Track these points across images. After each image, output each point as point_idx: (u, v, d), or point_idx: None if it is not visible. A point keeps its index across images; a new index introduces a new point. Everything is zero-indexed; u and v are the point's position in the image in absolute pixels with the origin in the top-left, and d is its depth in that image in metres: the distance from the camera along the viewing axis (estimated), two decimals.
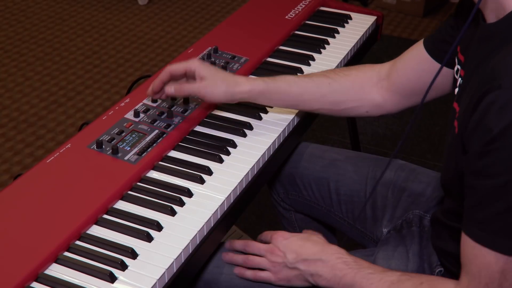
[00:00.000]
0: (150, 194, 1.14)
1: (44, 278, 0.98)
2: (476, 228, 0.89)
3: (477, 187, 0.87)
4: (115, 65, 3.27)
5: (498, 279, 0.87)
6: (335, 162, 1.45)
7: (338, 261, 1.10)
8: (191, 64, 1.27)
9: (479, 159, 0.85)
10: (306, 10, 1.80)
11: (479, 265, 0.89)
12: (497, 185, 0.84)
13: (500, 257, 0.86)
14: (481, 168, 0.85)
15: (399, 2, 3.85)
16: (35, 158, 2.57)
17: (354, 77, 1.34)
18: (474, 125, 0.86)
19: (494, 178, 0.84)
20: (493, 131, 0.82)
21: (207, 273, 1.22)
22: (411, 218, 1.30)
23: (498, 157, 0.82)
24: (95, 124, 1.30)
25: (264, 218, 2.28)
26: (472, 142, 0.87)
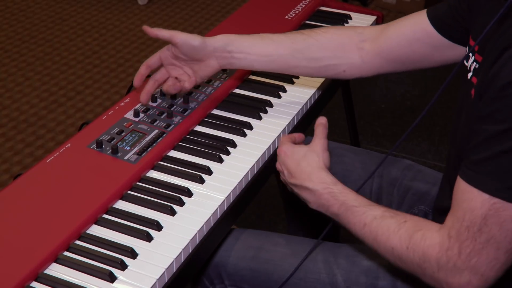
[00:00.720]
0: (150, 194, 1.14)
1: (44, 278, 0.98)
2: (469, 169, 0.92)
3: (480, 131, 0.90)
4: (115, 65, 3.27)
5: (479, 224, 0.89)
6: (343, 159, 1.46)
7: (324, 191, 1.11)
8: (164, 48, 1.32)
9: (489, 104, 0.89)
10: (306, 10, 1.80)
11: (465, 207, 0.91)
12: (499, 130, 0.87)
13: (486, 200, 0.89)
14: (488, 113, 0.89)
15: (398, 2, 3.85)
16: (35, 158, 2.56)
17: (331, 35, 1.35)
18: (491, 76, 0.90)
19: (497, 123, 0.88)
20: (506, 79, 0.86)
21: (216, 257, 1.24)
22: (416, 213, 1.31)
23: (505, 104, 0.87)
24: (95, 124, 1.30)
25: (264, 218, 2.28)
26: (487, 90, 0.91)
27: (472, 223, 0.90)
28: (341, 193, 1.09)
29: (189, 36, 1.29)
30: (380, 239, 1.02)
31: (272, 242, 1.25)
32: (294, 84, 1.50)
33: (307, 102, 1.45)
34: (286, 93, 1.47)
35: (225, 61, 1.32)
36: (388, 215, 1.03)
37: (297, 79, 1.52)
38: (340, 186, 1.10)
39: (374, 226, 1.03)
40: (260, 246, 1.24)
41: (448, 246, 0.93)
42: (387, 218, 1.02)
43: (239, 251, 1.23)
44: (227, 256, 1.23)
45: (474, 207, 0.90)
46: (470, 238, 0.90)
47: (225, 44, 1.31)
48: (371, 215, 1.04)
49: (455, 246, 0.92)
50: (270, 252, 1.23)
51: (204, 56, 1.30)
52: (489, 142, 0.89)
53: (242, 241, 1.25)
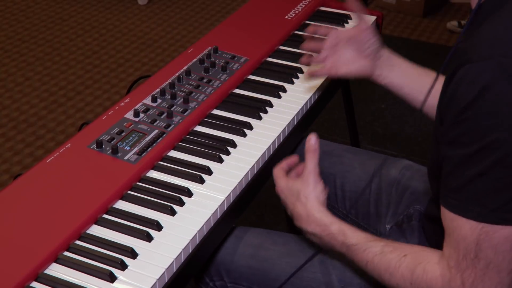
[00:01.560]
0: (150, 194, 1.14)
1: (44, 278, 0.98)
2: (450, 198, 0.91)
3: (451, 156, 0.91)
4: (115, 65, 3.27)
5: (474, 250, 0.89)
6: (342, 159, 1.47)
7: (323, 234, 1.11)
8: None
9: (452, 130, 0.89)
10: (306, 10, 1.80)
11: (457, 237, 0.91)
12: (468, 153, 0.87)
13: (474, 226, 0.88)
14: (454, 138, 0.89)
15: (398, 2, 3.85)
16: (35, 158, 2.57)
17: None
18: (449, 97, 0.90)
19: (466, 146, 0.87)
20: (464, 101, 0.86)
21: (216, 255, 1.24)
22: (411, 212, 1.31)
23: (468, 127, 0.87)
24: (95, 124, 1.30)
25: (264, 218, 2.28)
26: (447, 114, 0.91)
27: (467, 251, 0.89)
28: (339, 233, 1.09)
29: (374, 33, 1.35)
30: (384, 276, 1.02)
31: (271, 241, 1.26)
32: (294, 84, 1.50)
33: (307, 102, 1.45)
34: (286, 93, 1.47)
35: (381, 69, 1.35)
36: (388, 250, 1.02)
37: (297, 79, 1.52)
38: (337, 226, 1.10)
39: (376, 263, 1.03)
40: (259, 244, 1.25)
41: (450, 277, 0.92)
42: (387, 254, 1.02)
43: (238, 249, 1.24)
44: (227, 253, 1.24)
45: (465, 235, 0.89)
46: (470, 266, 0.89)
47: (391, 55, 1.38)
48: (371, 252, 1.04)
49: (457, 276, 0.91)
50: (269, 251, 1.24)
51: (370, 52, 1.34)
52: (462, 167, 0.88)
53: (242, 239, 1.26)
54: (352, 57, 1.35)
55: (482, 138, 0.85)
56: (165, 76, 1.46)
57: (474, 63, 0.86)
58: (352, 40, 1.35)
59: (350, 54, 1.36)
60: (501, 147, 0.84)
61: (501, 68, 0.83)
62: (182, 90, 1.41)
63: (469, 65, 0.87)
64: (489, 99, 0.84)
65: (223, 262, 1.24)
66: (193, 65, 1.51)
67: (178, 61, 1.53)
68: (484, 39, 0.88)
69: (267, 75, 1.53)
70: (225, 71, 1.49)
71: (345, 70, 1.36)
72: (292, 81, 1.51)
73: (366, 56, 1.35)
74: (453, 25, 3.62)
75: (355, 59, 1.35)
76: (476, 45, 0.88)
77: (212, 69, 1.50)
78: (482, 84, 0.84)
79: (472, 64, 0.86)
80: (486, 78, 0.84)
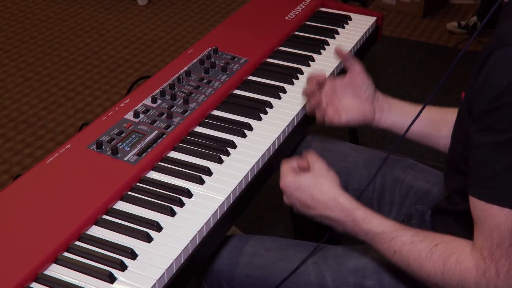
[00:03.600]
0: (150, 195, 1.14)
1: (43, 279, 0.97)
2: (483, 187, 0.89)
3: (483, 145, 0.88)
4: (114, 66, 3.27)
5: (509, 238, 0.87)
6: (346, 157, 1.47)
7: (346, 219, 1.07)
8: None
9: (487, 116, 0.87)
10: (306, 10, 1.80)
11: (490, 226, 0.89)
12: (503, 141, 0.85)
13: (510, 214, 0.87)
14: (488, 125, 0.87)
15: (398, 3, 3.85)
16: (35, 158, 2.56)
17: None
18: (481, 83, 0.87)
19: (500, 134, 0.85)
20: (498, 87, 0.84)
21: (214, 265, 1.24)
22: (412, 212, 1.31)
23: (504, 113, 0.84)
24: (95, 125, 1.30)
25: (264, 218, 2.28)
26: (479, 101, 0.88)
27: (502, 239, 0.88)
28: (364, 221, 1.05)
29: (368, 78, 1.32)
30: (413, 266, 0.99)
31: (265, 247, 1.26)
32: (294, 85, 1.50)
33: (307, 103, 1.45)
34: (286, 94, 1.47)
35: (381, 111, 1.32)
36: (418, 239, 1.00)
37: (297, 80, 1.52)
38: (362, 211, 1.06)
39: (404, 253, 1.00)
40: (254, 252, 1.25)
41: (485, 268, 0.90)
42: (417, 244, 0.99)
43: (234, 258, 1.25)
44: (224, 264, 1.24)
45: (499, 223, 0.88)
46: (504, 255, 0.88)
47: (385, 96, 1.34)
48: (400, 241, 1.01)
49: (491, 266, 0.90)
50: (263, 257, 1.24)
51: (367, 96, 1.31)
52: (496, 155, 0.87)
53: (238, 248, 1.26)
54: (351, 103, 1.33)
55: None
56: (165, 76, 1.46)
57: (509, 46, 0.83)
58: (348, 86, 1.33)
59: (349, 100, 1.33)
60: None
61: None
62: (182, 91, 1.41)
63: (504, 48, 0.84)
64: None
65: (221, 272, 1.24)
66: (193, 65, 1.51)
67: (178, 61, 1.53)
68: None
69: (267, 76, 1.53)
70: (225, 72, 1.49)
71: (347, 117, 1.33)
72: (292, 82, 1.51)
73: (365, 100, 1.32)
74: (452, 26, 3.62)
75: (354, 104, 1.33)
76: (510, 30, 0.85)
77: (212, 69, 1.49)
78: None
79: (508, 47, 0.83)
80: None
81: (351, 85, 1.33)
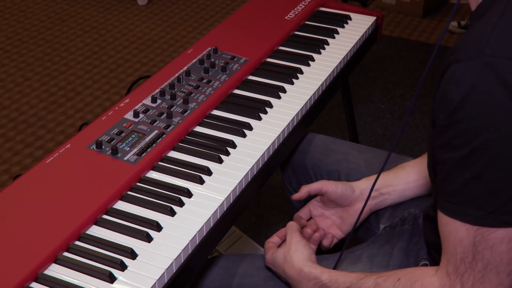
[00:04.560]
0: (150, 195, 1.14)
1: (43, 279, 0.98)
2: (446, 202, 0.91)
3: (444, 160, 0.90)
4: (114, 66, 3.27)
5: (471, 253, 0.88)
6: (347, 156, 1.47)
7: (317, 286, 1.10)
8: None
9: (444, 132, 0.88)
10: (306, 10, 1.80)
11: (453, 241, 0.90)
12: (461, 156, 0.86)
13: (471, 229, 0.88)
14: (445, 141, 0.88)
15: (398, 3, 3.85)
16: (35, 158, 2.56)
17: None
18: (438, 98, 0.89)
19: (457, 149, 0.86)
20: (453, 102, 0.85)
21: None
22: (405, 216, 1.31)
23: (459, 128, 0.85)
24: (95, 125, 1.30)
25: (264, 218, 2.28)
26: (438, 116, 0.90)
27: (465, 254, 0.89)
28: (330, 282, 1.08)
29: (337, 184, 1.30)
30: None
31: (256, 267, 1.26)
32: (293, 84, 1.50)
33: (307, 103, 1.45)
34: (286, 93, 1.47)
35: (374, 200, 1.31)
36: (381, 280, 1.02)
37: (297, 80, 1.52)
38: (327, 275, 1.09)
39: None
40: (244, 272, 1.25)
41: (450, 284, 0.91)
42: (382, 284, 1.01)
43: (225, 281, 1.24)
44: (215, 287, 1.24)
45: (461, 238, 0.89)
46: (468, 269, 0.89)
47: (370, 183, 1.30)
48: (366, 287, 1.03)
49: (456, 281, 0.90)
50: (253, 277, 1.24)
51: (353, 201, 1.31)
52: (456, 170, 0.88)
53: (227, 270, 1.26)
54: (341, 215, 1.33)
55: (473, 139, 0.84)
56: (165, 76, 1.46)
57: (461, 62, 0.85)
58: (328, 204, 1.34)
59: (338, 214, 1.34)
60: (492, 148, 0.83)
61: (487, 67, 0.82)
62: (182, 90, 1.41)
63: (456, 64, 0.85)
64: (477, 99, 0.83)
65: None
66: (192, 65, 1.51)
67: (178, 61, 1.53)
68: (471, 38, 0.87)
69: (266, 76, 1.53)
70: (224, 72, 1.49)
71: (345, 228, 1.33)
72: (291, 82, 1.51)
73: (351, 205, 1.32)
74: (452, 26, 3.62)
75: (345, 214, 1.33)
76: (464, 44, 0.87)
77: (212, 69, 1.50)
78: (469, 84, 0.83)
79: (459, 63, 0.85)
80: (473, 77, 0.83)
81: (329, 202, 1.33)
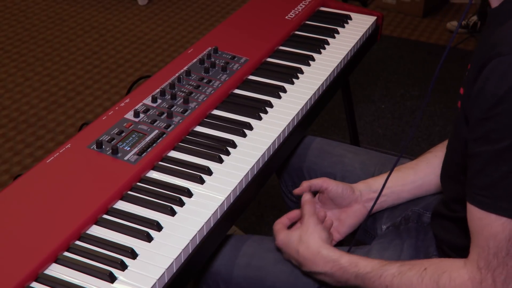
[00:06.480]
0: (150, 194, 1.14)
1: (44, 278, 0.98)
2: (480, 196, 0.89)
3: (480, 154, 0.88)
4: (115, 66, 3.27)
5: (506, 247, 0.87)
6: (343, 159, 1.47)
7: (333, 270, 1.09)
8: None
9: (482, 125, 0.87)
10: (306, 10, 1.80)
11: (486, 235, 0.89)
12: (500, 149, 0.85)
13: (507, 223, 0.87)
14: (483, 134, 0.87)
15: (398, 2, 3.85)
16: (35, 158, 2.56)
17: None
18: (476, 92, 0.88)
19: (497, 142, 0.85)
20: (494, 96, 0.84)
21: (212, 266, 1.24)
22: (409, 215, 1.31)
23: (500, 122, 0.85)
24: (95, 125, 1.30)
25: (264, 218, 2.28)
26: (474, 110, 0.88)
27: (499, 248, 0.88)
28: (350, 265, 1.07)
29: (337, 182, 1.30)
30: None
31: (265, 249, 1.26)
32: (294, 84, 1.50)
33: (307, 103, 1.45)
34: (286, 93, 1.47)
35: (372, 203, 1.30)
36: (406, 269, 1.00)
37: (297, 80, 1.52)
38: (347, 258, 1.08)
39: (396, 285, 1.00)
40: (253, 253, 1.25)
41: (481, 278, 0.90)
42: (406, 273, 1.00)
43: (233, 259, 1.25)
44: (223, 264, 1.24)
45: (495, 232, 0.88)
46: (501, 264, 0.88)
47: (368, 185, 1.31)
48: (389, 275, 1.02)
49: (487, 276, 0.90)
50: (263, 259, 1.24)
51: (351, 201, 1.30)
52: (493, 164, 0.87)
53: (237, 249, 1.26)
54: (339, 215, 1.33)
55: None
56: (165, 76, 1.46)
57: (505, 56, 0.84)
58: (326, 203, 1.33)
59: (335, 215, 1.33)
60: None
61: None
62: (182, 90, 1.41)
63: (500, 58, 0.84)
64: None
65: (220, 273, 1.24)
66: (193, 65, 1.51)
67: (178, 61, 1.53)
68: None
69: (267, 76, 1.53)
70: (225, 72, 1.49)
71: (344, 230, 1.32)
72: (292, 82, 1.51)
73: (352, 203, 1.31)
74: (453, 25, 3.62)
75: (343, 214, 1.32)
76: (507, 38, 0.85)
77: (212, 69, 1.50)
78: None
79: (504, 56, 0.84)
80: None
81: (328, 202, 1.32)
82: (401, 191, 1.32)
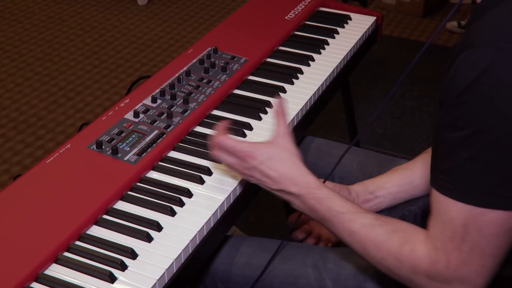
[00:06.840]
0: (150, 195, 1.14)
1: (44, 279, 0.98)
2: (441, 180, 0.91)
3: (445, 139, 0.90)
4: (114, 66, 3.27)
5: (461, 233, 0.89)
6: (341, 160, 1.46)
7: (309, 196, 1.07)
8: None
9: (449, 112, 0.89)
10: (306, 10, 1.80)
11: (444, 218, 0.91)
12: (463, 136, 0.87)
13: (463, 209, 0.88)
14: (450, 120, 0.89)
15: (398, 2, 3.85)
16: (35, 158, 2.57)
17: None
18: (448, 80, 0.90)
19: (461, 129, 0.87)
20: (462, 84, 0.86)
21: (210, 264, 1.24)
22: (406, 214, 1.32)
23: (466, 110, 0.87)
24: (95, 125, 1.30)
25: (264, 218, 2.28)
26: (445, 97, 0.91)
27: (454, 233, 0.90)
28: (326, 199, 1.06)
29: (334, 183, 1.30)
30: (370, 249, 1.01)
31: (264, 249, 1.25)
32: (293, 84, 1.51)
33: (307, 103, 1.45)
34: (285, 93, 1.47)
35: (370, 203, 1.30)
36: (378, 223, 1.01)
37: (297, 80, 1.52)
38: (325, 191, 1.07)
39: (363, 235, 1.01)
40: (252, 252, 1.25)
41: (436, 258, 0.92)
42: (377, 227, 1.00)
43: (231, 258, 1.24)
44: (221, 263, 1.24)
45: (452, 217, 0.90)
46: (456, 249, 0.90)
47: (364, 187, 1.31)
48: (360, 223, 1.02)
49: (442, 258, 0.92)
50: (261, 259, 1.23)
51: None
52: (455, 150, 0.89)
53: (236, 249, 1.26)
54: None
55: (476, 122, 0.85)
56: (165, 76, 1.46)
57: (475, 47, 0.86)
58: None
59: None
60: (493, 132, 0.84)
61: (502, 53, 0.83)
62: (182, 90, 1.41)
63: (470, 49, 0.87)
64: (487, 84, 0.84)
65: (218, 272, 1.24)
66: (193, 65, 1.51)
67: (178, 61, 1.53)
68: (487, 25, 0.88)
69: (267, 76, 1.53)
70: (225, 72, 1.49)
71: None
72: (291, 82, 1.51)
73: None
74: (452, 26, 3.63)
75: None
76: (479, 30, 0.88)
77: (212, 69, 1.50)
78: (481, 68, 0.84)
79: (473, 48, 0.86)
80: (485, 62, 0.84)
81: None
82: (398, 191, 1.32)
